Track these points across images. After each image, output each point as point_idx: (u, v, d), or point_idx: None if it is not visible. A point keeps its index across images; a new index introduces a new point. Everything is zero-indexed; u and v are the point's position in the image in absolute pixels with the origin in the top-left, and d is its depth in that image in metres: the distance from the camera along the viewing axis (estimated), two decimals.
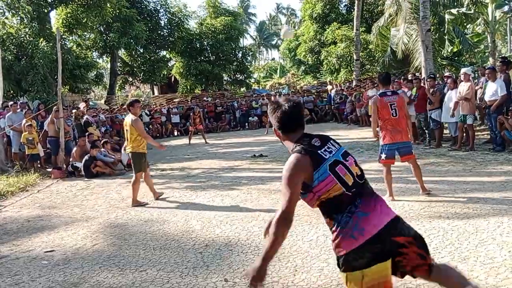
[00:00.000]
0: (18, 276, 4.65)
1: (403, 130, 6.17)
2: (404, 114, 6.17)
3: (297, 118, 2.64)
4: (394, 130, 6.13)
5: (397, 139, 6.14)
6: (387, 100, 6.08)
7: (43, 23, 19.47)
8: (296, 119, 2.64)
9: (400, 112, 6.08)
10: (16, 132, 11.69)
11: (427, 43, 14.49)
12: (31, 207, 7.93)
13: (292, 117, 2.61)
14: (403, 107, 6.17)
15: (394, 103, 6.06)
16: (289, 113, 2.60)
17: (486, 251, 4.24)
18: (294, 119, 2.62)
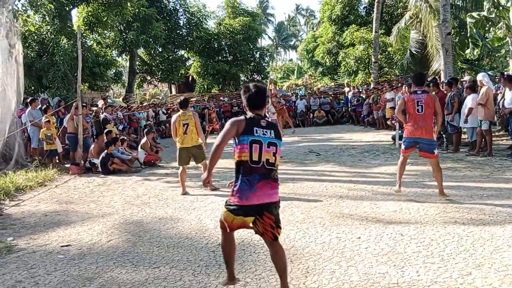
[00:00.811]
0: (34, 269, 4.74)
1: (426, 127, 6.34)
2: (430, 113, 6.34)
3: (258, 99, 3.53)
4: (415, 125, 6.39)
5: (416, 134, 6.39)
6: (415, 97, 6.40)
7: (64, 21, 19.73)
8: (257, 100, 3.53)
9: (426, 109, 6.30)
10: (36, 127, 11.90)
11: (447, 46, 14.32)
12: (48, 202, 8.06)
13: (255, 98, 3.51)
14: (431, 106, 6.33)
15: (421, 100, 6.32)
16: (253, 95, 3.50)
17: (501, 258, 4.18)
18: (256, 99, 3.52)
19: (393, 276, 3.98)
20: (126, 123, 17.55)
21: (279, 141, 3.47)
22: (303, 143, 14.72)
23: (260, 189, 3.35)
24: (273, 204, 3.44)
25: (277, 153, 3.43)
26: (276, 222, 3.49)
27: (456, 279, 3.84)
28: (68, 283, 4.31)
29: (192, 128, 7.87)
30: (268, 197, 3.39)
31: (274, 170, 3.43)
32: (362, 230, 5.28)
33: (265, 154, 3.39)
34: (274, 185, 3.44)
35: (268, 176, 3.40)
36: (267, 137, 3.41)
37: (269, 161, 3.39)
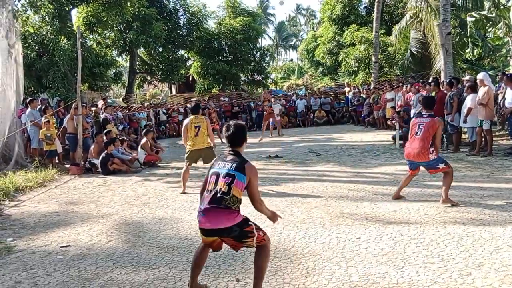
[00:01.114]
0: (33, 270, 4.73)
1: (418, 150, 6.18)
2: (427, 136, 6.16)
3: (231, 139, 3.87)
4: (409, 147, 6.40)
5: (409, 157, 6.39)
6: (419, 121, 6.36)
7: (64, 21, 19.74)
8: (230, 139, 3.88)
9: (424, 133, 6.17)
10: (36, 128, 11.89)
11: (447, 46, 14.31)
12: (48, 202, 8.06)
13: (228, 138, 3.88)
14: (430, 130, 6.16)
15: (423, 123, 6.25)
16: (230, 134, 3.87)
17: (501, 258, 4.17)
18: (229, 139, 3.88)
19: (393, 276, 3.97)
20: (126, 123, 17.55)
21: (237, 173, 3.64)
22: (303, 143, 14.71)
23: (207, 215, 3.62)
24: (224, 230, 3.60)
25: (232, 183, 3.61)
26: (238, 240, 3.66)
27: (456, 279, 3.83)
28: (68, 284, 4.31)
29: (203, 130, 8.16)
30: (216, 223, 3.60)
31: (225, 199, 3.59)
32: (362, 230, 5.27)
33: (220, 185, 3.63)
34: (224, 212, 3.60)
35: (218, 203, 3.60)
36: (225, 169, 3.68)
37: (222, 190, 3.61)
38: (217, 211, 3.60)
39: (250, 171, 3.67)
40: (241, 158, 3.76)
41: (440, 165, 6.14)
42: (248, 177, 3.65)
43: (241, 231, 3.62)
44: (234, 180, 3.62)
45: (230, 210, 3.61)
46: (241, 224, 3.63)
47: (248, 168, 3.68)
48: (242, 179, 3.63)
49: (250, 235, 3.64)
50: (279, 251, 4.79)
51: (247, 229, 3.65)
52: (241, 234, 3.62)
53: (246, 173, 3.65)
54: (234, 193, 3.61)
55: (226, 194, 3.60)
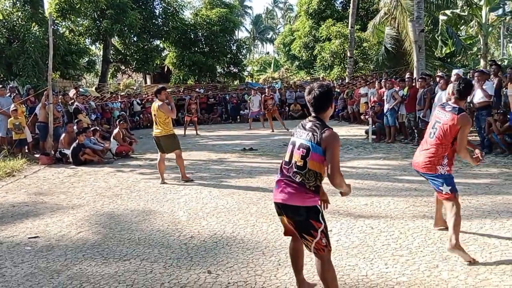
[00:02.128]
0: (0, 261, 4.63)
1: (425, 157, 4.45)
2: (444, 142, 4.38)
3: (313, 103, 3.31)
4: (416, 153, 4.70)
5: (414, 165, 4.64)
6: (439, 113, 4.50)
7: (36, 7, 19.19)
8: (312, 104, 3.32)
9: (438, 134, 4.40)
10: (4, 116, 11.56)
11: (419, 43, 14.54)
12: (16, 193, 7.88)
13: (311, 102, 3.33)
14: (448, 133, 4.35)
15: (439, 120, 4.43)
16: (311, 99, 3.32)
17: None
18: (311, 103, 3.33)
19: (363, 268, 4.04)
20: (99, 113, 17.24)
21: (312, 144, 3.16)
22: (278, 136, 14.76)
23: (279, 187, 3.30)
24: (290, 207, 3.22)
25: (308, 157, 3.17)
26: (300, 228, 3.25)
27: (423, 271, 3.92)
28: (36, 275, 4.23)
29: (159, 120, 8.10)
30: (285, 198, 3.23)
31: (301, 174, 3.19)
32: (333, 223, 5.33)
33: (295, 157, 3.25)
34: (296, 189, 3.20)
35: (292, 176, 3.23)
36: (302, 138, 3.25)
37: (296, 163, 3.22)
38: (289, 185, 3.22)
39: (327, 139, 3.14)
40: (321, 125, 3.21)
41: (445, 188, 4.31)
42: (324, 146, 3.14)
43: (307, 220, 3.18)
44: (309, 153, 3.17)
45: (303, 188, 3.18)
46: (310, 210, 3.19)
47: (326, 136, 3.14)
48: (318, 150, 3.15)
49: (312, 231, 3.17)
50: (252, 243, 4.81)
51: (313, 221, 3.18)
52: (305, 223, 3.19)
53: (323, 142, 3.14)
54: (310, 167, 3.17)
55: (302, 169, 3.19)
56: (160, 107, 7.98)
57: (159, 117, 8.04)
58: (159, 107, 8.00)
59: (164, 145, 8.18)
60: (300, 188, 3.18)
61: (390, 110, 12.05)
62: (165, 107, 8.02)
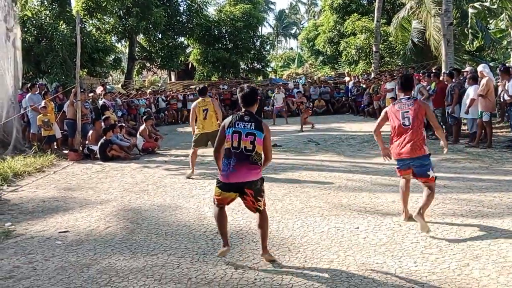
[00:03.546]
0: (32, 255, 4.74)
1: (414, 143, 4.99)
2: (419, 125, 5.00)
3: (246, 100, 4.28)
4: (401, 142, 5.09)
5: (403, 154, 5.07)
6: (400, 107, 5.10)
7: (63, 6, 19.53)
8: (244, 100, 4.28)
9: (414, 122, 4.97)
10: (35, 113, 11.84)
11: (448, 37, 14.22)
12: (46, 188, 8.05)
13: (243, 98, 4.28)
14: (420, 117, 5.02)
15: (407, 110, 5.01)
16: (242, 96, 4.28)
17: (499, 249, 4.19)
18: (243, 99, 4.29)
19: (391, 266, 3.98)
20: (125, 109, 17.47)
21: (258, 132, 4.12)
22: (302, 132, 14.68)
23: (237, 170, 4.10)
24: (249, 182, 4.12)
25: (255, 141, 4.11)
26: (255, 197, 4.16)
27: (454, 270, 3.84)
28: (66, 269, 4.32)
29: (211, 113, 8.19)
30: (244, 176, 4.10)
31: (251, 155, 4.10)
32: (360, 220, 5.28)
33: (243, 142, 4.11)
34: (251, 167, 4.12)
35: (245, 159, 4.10)
36: (246, 129, 4.14)
37: (246, 148, 4.11)
38: (246, 166, 4.10)
39: (266, 128, 4.20)
40: (255, 117, 4.23)
41: (431, 172, 4.96)
42: (265, 133, 4.17)
43: (260, 187, 4.18)
44: (255, 138, 4.12)
45: (256, 166, 4.15)
46: (261, 181, 4.21)
47: (265, 126, 4.21)
48: (261, 136, 4.14)
49: (262, 194, 4.22)
50: (277, 240, 4.80)
51: (262, 187, 4.22)
52: (259, 190, 4.18)
53: (264, 130, 4.16)
54: (257, 150, 4.13)
55: (251, 151, 4.11)
56: (213, 100, 8.37)
57: (212, 110, 8.20)
58: (212, 100, 8.34)
59: (213, 140, 8.25)
60: (253, 165, 4.13)
61: None
62: (216, 102, 8.49)
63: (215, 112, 8.21)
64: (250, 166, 4.12)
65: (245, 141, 4.12)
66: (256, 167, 4.15)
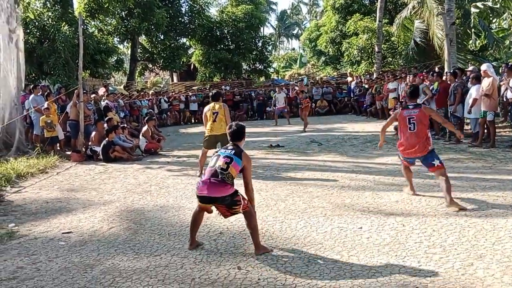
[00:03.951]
0: (35, 255, 4.75)
1: (419, 145, 5.87)
2: (422, 129, 5.89)
3: (233, 136, 4.71)
4: (407, 144, 5.97)
5: (410, 154, 6.02)
6: (407, 114, 5.97)
7: (65, 7, 19.56)
8: (232, 136, 4.71)
9: (418, 126, 5.87)
10: (38, 114, 11.87)
11: (451, 36, 14.19)
12: (50, 189, 8.07)
13: (231, 135, 4.71)
14: (424, 122, 5.92)
15: (413, 117, 5.91)
16: (230, 133, 4.72)
17: (503, 249, 4.17)
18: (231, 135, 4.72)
19: (395, 266, 3.97)
20: (127, 111, 17.49)
21: (236, 158, 4.49)
22: (305, 132, 14.68)
23: (206, 185, 4.42)
24: (216, 198, 4.42)
25: (231, 164, 4.45)
26: (228, 207, 4.47)
27: (458, 269, 3.83)
28: (70, 269, 4.32)
29: (221, 117, 8.35)
30: (212, 192, 4.39)
31: (223, 174, 4.41)
32: (363, 220, 5.27)
33: (219, 161, 4.49)
34: (220, 185, 4.39)
35: (215, 177, 4.41)
36: (225, 153, 4.56)
37: (220, 167, 4.44)
38: (214, 183, 4.39)
39: (245, 158, 4.53)
40: (239, 148, 4.62)
41: (436, 161, 5.74)
42: (244, 163, 4.50)
43: (232, 200, 4.42)
44: (232, 161, 4.46)
45: (225, 183, 4.39)
46: (232, 194, 4.41)
47: (244, 155, 4.54)
48: (238, 162, 4.47)
49: (238, 203, 4.43)
50: (281, 240, 4.80)
51: (236, 198, 4.43)
52: (231, 202, 4.43)
53: (243, 158, 4.50)
54: (230, 171, 4.43)
55: (224, 170, 4.42)
56: (225, 106, 8.52)
57: (222, 114, 8.38)
58: (224, 106, 8.52)
59: (223, 143, 8.26)
60: (222, 183, 4.39)
61: None
62: (228, 109, 8.64)
63: (224, 116, 8.37)
64: (220, 183, 4.39)
65: (221, 161, 4.47)
66: (225, 185, 4.39)
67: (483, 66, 10.29)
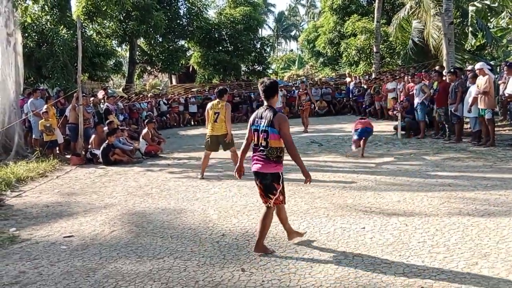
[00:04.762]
0: (37, 260, 4.72)
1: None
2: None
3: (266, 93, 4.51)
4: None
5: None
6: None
7: (63, 11, 19.54)
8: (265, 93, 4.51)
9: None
10: (37, 118, 11.84)
11: (449, 36, 14.19)
12: (50, 193, 8.04)
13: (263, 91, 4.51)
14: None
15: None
16: (263, 90, 4.50)
17: (508, 248, 4.16)
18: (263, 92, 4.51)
19: (399, 266, 3.96)
20: (127, 113, 17.47)
21: (270, 128, 4.34)
22: (306, 133, 14.66)
23: (254, 162, 4.48)
24: (259, 173, 4.44)
25: (268, 138, 4.34)
26: (265, 191, 4.44)
27: (462, 269, 3.82)
28: (72, 273, 4.30)
29: (222, 117, 8.21)
30: (257, 168, 4.43)
31: (265, 151, 4.37)
32: (366, 221, 5.26)
33: (260, 139, 4.43)
34: (264, 161, 4.39)
35: (260, 152, 4.42)
36: (262, 125, 4.41)
37: (261, 143, 4.41)
38: (259, 160, 4.42)
39: (278, 121, 4.33)
40: (271, 111, 4.41)
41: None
42: (278, 128, 4.31)
43: (271, 183, 4.38)
44: (268, 135, 4.35)
45: (269, 161, 4.38)
46: (274, 176, 4.39)
47: (277, 118, 4.34)
48: (275, 132, 4.33)
49: (274, 192, 4.39)
50: (284, 241, 4.78)
51: (275, 184, 4.39)
52: (270, 185, 4.39)
53: (275, 124, 4.32)
54: (271, 145, 4.35)
55: (265, 147, 4.38)
56: (227, 106, 8.25)
57: (223, 115, 8.18)
58: (226, 105, 8.23)
59: (224, 144, 8.33)
60: (266, 160, 4.38)
61: (420, 104, 11.81)
62: (229, 109, 8.31)
63: (225, 117, 8.22)
64: (264, 160, 4.38)
65: (260, 138, 4.42)
66: (269, 162, 4.37)
67: (478, 65, 10.26)
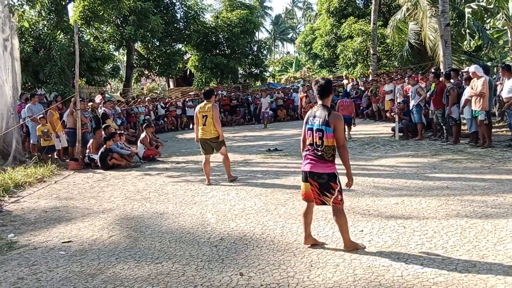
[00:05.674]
0: (36, 266, 4.71)
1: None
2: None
3: (319, 92, 4.52)
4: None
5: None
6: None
7: (60, 16, 19.59)
8: (320, 93, 4.51)
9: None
10: (35, 123, 11.83)
11: (445, 37, 14.26)
12: (48, 198, 8.03)
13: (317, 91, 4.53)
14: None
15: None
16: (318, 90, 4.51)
17: (505, 249, 4.17)
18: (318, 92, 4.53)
19: (397, 269, 3.96)
20: (124, 117, 17.45)
21: (325, 127, 4.32)
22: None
23: (307, 161, 4.46)
24: (313, 173, 4.39)
25: (324, 137, 4.33)
26: (321, 190, 4.39)
27: (460, 271, 3.82)
28: (71, 279, 4.29)
29: (210, 120, 8.05)
30: (312, 167, 4.40)
31: (320, 150, 4.37)
32: (364, 223, 5.26)
33: (315, 138, 4.42)
34: (319, 161, 4.39)
35: (315, 151, 4.41)
36: (316, 124, 4.41)
37: (316, 143, 4.40)
38: (314, 159, 4.41)
39: (333, 119, 4.33)
40: (325, 110, 4.39)
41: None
42: (333, 126, 4.32)
43: (328, 182, 4.36)
44: (323, 133, 4.33)
45: (324, 160, 4.37)
46: (330, 175, 4.37)
47: (332, 117, 4.33)
48: (329, 130, 4.32)
49: (332, 191, 4.38)
50: (282, 245, 4.78)
51: (332, 183, 4.37)
52: (326, 184, 4.37)
53: (330, 123, 4.31)
54: (326, 144, 4.34)
55: (320, 146, 4.37)
56: (214, 108, 8.07)
57: (211, 117, 8.03)
58: (213, 106, 8.08)
59: (215, 146, 8.25)
60: (321, 160, 4.38)
61: (415, 106, 11.83)
62: (217, 111, 8.15)
63: (213, 119, 8.03)
64: (319, 160, 4.37)
65: (315, 137, 4.40)
66: (324, 162, 4.37)
67: (472, 68, 10.28)
